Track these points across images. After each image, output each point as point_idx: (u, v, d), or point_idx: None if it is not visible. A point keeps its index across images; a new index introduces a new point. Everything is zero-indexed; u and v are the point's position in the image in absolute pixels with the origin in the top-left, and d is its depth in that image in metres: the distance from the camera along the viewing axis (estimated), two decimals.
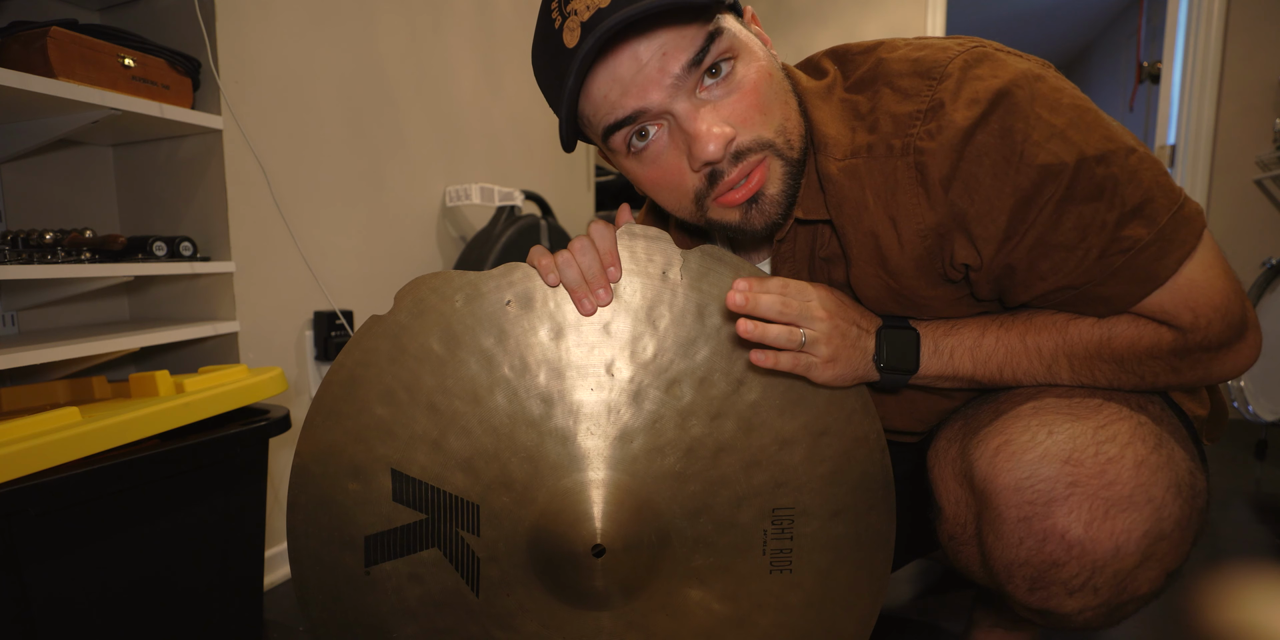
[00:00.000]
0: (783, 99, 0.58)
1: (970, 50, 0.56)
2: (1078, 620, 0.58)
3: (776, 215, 0.59)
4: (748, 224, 0.60)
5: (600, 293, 0.62)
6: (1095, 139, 0.53)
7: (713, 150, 0.54)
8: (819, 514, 0.65)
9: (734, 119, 0.55)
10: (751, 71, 0.56)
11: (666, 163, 0.58)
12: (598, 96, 0.55)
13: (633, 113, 0.55)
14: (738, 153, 0.56)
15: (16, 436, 0.65)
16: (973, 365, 0.62)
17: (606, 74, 0.54)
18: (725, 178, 0.57)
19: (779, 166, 0.58)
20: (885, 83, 0.58)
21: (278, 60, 1.18)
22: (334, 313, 1.25)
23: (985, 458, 0.58)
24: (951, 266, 0.60)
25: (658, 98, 0.54)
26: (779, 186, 0.58)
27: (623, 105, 0.55)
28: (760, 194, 0.58)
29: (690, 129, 0.54)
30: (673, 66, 0.53)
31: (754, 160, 0.57)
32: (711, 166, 0.56)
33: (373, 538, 0.62)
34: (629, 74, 0.54)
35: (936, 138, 0.54)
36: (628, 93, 0.54)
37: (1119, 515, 0.53)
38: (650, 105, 0.54)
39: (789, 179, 0.59)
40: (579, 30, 0.53)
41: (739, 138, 0.55)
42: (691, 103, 0.55)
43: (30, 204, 1.06)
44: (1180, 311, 0.56)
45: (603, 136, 0.58)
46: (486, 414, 0.62)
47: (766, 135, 0.57)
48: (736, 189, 0.58)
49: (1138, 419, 0.57)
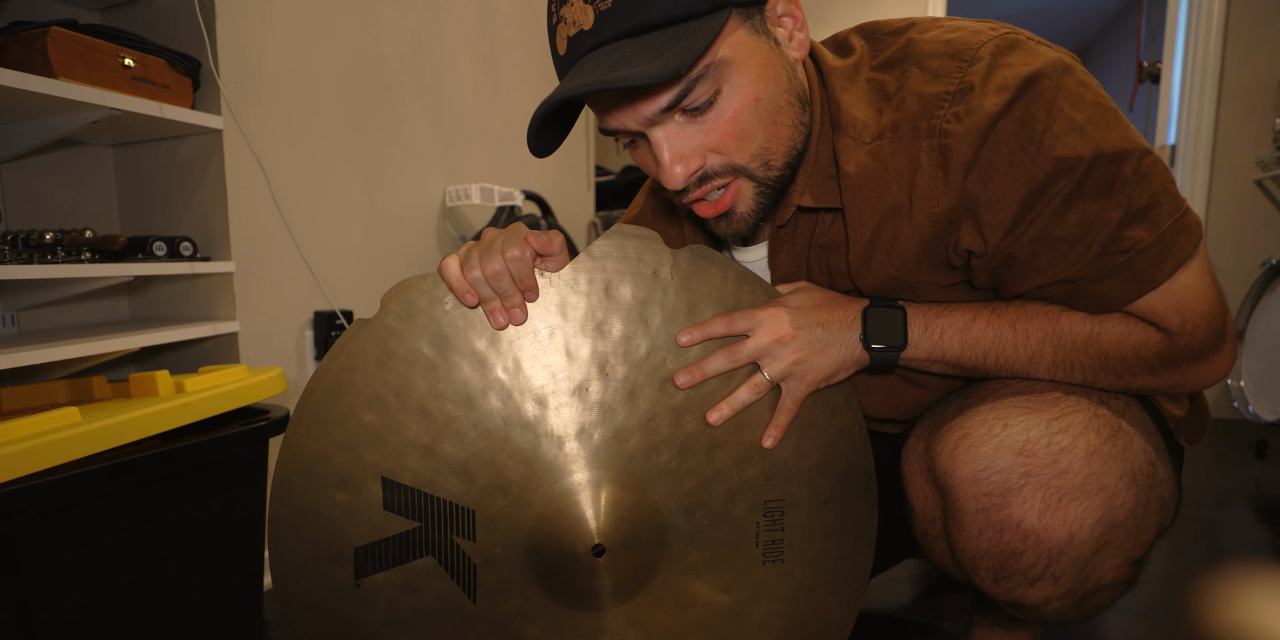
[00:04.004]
0: (770, 120, 0.58)
1: (1003, 36, 0.56)
2: (1047, 611, 0.59)
3: (744, 229, 0.63)
4: (716, 229, 0.64)
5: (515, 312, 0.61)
6: (1113, 138, 0.53)
7: (673, 181, 0.58)
8: (808, 504, 0.66)
9: (707, 146, 0.58)
10: (735, 102, 0.56)
11: (649, 163, 0.62)
12: (591, 102, 0.59)
13: (614, 129, 0.59)
14: (704, 177, 0.59)
15: (16, 436, 0.65)
16: (961, 347, 0.62)
17: (591, 95, 0.57)
18: (689, 194, 0.60)
19: (750, 188, 0.61)
20: (915, 62, 0.58)
21: (278, 60, 1.18)
22: (334, 313, 1.25)
23: (945, 452, 0.59)
24: (955, 252, 0.60)
25: (635, 127, 0.57)
26: (749, 206, 0.62)
27: (605, 122, 0.59)
28: (730, 211, 0.62)
29: (658, 157, 0.58)
30: (646, 111, 0.56)
31: (719, 182, 0.60)
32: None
33: (363, 549, 0.60)
34: (608, 101, 0.57)
35: (964, 121, 0.54)
36: (609, 114, 0.58)
37: (1071, 504, 0.54)
38: (628, 129, 0.58)
39: (760, 199, 0.61)
40: (566, 43, 0.56)
41: (708, 163, 0.58)
42: (664, 130, 0.57)
43: (30, 204, 1.06)
44: (1170, 315, 0.56)
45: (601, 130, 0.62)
46: (480, 417, 0.61)
47: (739, 161, 0.59)
48: (706, 203, 0.61)
49: (1094, 411, 0.59)
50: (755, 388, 0.63)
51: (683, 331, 0.63)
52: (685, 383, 0.63)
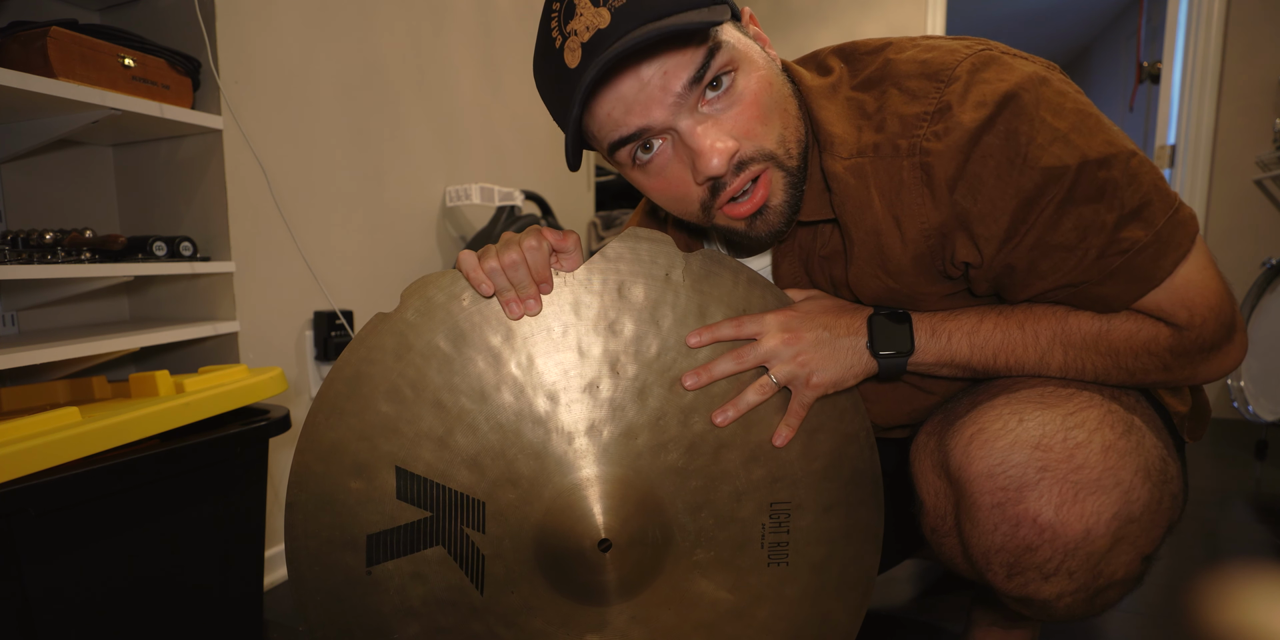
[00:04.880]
0: (781, 107, 0.59)
1: (978, 53, 0.57)
2: (1059, 607, 0.59)
3: (780, 224, 0.61)
4: (753, 231, 0.62)
5: (530, 303, 0.62)
6: (1097, 143, 0.53)
7: (716, 164, 0.55)
8: (813, 508, 0.66)
9: (736, 132, 0.56)
10: (752, 82, 0.56)
11: (671, 175, 0.59)
12: (602, 115, 0.57)
13: (637, 130, 0.56)
14: (740, 164, 0.57)
15: (16, 436, 0.65)
16: (970, 350, 0.63)
17: (610, 94, 0.55)
18: (728, 188, 0.58)
19: (780, 178, 0.59)
20: (893, 83, 0.59)
21: (278, 60, 1.18)
22: (334, 313, 1.25)
23: (959, 447, 0.59)
24: (952, 264, 0.60)
25: (660, 116, 0.55)
26: (782, 197, 0.60)
27: (627, 123, 0.56)
28: (765, 206, 0.60)
29: (694, 145, 0.56)
30: (674, 85, 0.54)
31: (755, 170, 0.58)
32: (715, 180, 0.58)
33: (375, 537, 0.62)
34: (632, 93, 0.55)
35: (943, 139, 0.55)
36: (631, 111, 0.55)
37: (1088, 498, 0.54)
38: (654, 123, 0.56)
39: (791, 189, 0.60)
40: (580, 51, 0.54)
41: (742, 149, 0.57)
42: (694, 119, 0.56)
43: (30, 204, 1.06)
44: (1177, 310, 0.57)
45: (608, 151, 0.59)
46: (493, 411, 0.63)
47: (768, 146, 0.58)
48: (741, 202, 0.59)
49: (1108, 407, 0.59)
50: (762, 390, 0.64)
51: (692, 333, 0.64)
52: (693, 385, 0.63)
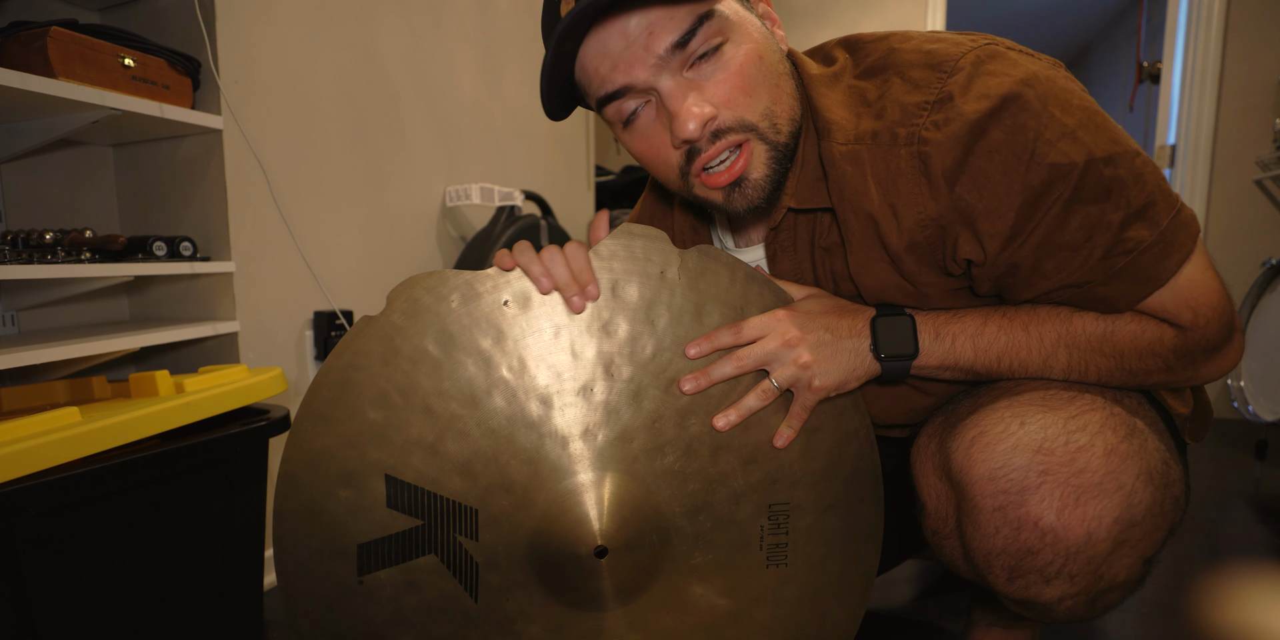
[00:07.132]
0: (772, 82, 0.59)
1: (983, 47, 0.57)
2: (1059, 609, 0.59)
3: (759, 199, 0.61)
4: (730, 205, 0.61)
5: (590, 288, 0.62)
6: (1104, 141, 0.53)
7: (692, 128, 0.56)
8: (813, 509, 0.66)
9: (717, 99, 0.57)
10: (740, 53, 0.57)
11: (653, 136, 0.60)
12: (590, 69, 0.58)
13: (620, 88, 0.57)
14: (717, 131, 0.57)
15: (16, 436, 0.65)
16: (974, 353, 0.62)
17: (597, 47, 0.56)
18: (703, 154, 0.58)
19: (763, 151, 0.59)
20: (895, 72, 0.58)
21: (278, 60, 1.18)
22: (334, 313, 1.25)
23: (961, 449, 0.59)
24: (953, 261, 0.60)
25: (643, 75, 0.56)
26: (763, 172, 0.60)
27: (612, 80, 0.57)
28: (744, 178, 0.60)
29: (671, 107, 0.56)
30: (657, 46, 0.55)
31: (734, 140, 0.58)
32: (690, 144, 0.58)
33: (366, 546, 0.61)
34: (617, 49, 0.55)
35: (943, 129, 0.54)
36: (615, 68, 0.56)
37: (1090, 502, 0.54)
38: (636, 81, 0.56)
39: (774, 164, 0.60)
40: (574, 2, 0.55)
41: (720, 116, 0.57)
42: (675, 81, 0.56)
43: (30, 204, 1.06)
44: (1181, 311, 0.57)
45: (597, 107, 0.60)
46: (484, 416, 0.61)
47: (749, 118, 0.58)
48: (718, 172, 0.59)
49: (1110, 410, 0.58)
50: (763, 394, 0.63)
51: (690, 344, 0.63)
52: (692, 389, 0.62)
